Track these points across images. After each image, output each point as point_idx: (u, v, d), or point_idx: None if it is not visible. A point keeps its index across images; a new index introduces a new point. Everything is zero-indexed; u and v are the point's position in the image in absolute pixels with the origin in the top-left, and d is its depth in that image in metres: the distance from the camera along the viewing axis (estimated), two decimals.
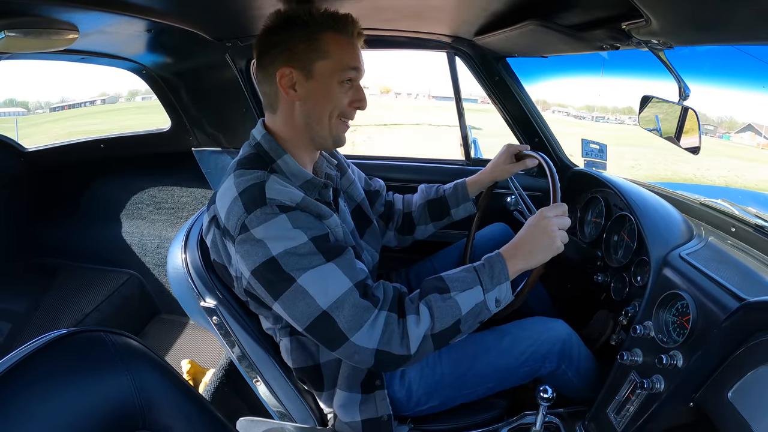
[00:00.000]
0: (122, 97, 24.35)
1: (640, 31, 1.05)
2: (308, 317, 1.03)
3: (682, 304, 1.14)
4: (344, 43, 1.14)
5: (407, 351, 1.05)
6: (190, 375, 2.15)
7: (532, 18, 1.29)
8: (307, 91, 1.14)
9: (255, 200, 1.03)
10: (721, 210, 1.56)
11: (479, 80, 2.06)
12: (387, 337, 1.04)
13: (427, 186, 1.69)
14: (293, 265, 1.02)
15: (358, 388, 1.27)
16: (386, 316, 1.05)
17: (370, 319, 1.03)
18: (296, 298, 1.03)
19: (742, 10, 0.77)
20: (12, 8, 1.14)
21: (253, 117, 2.27)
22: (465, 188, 1.63)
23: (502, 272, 1.11)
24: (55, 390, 0.69)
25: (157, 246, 2.80)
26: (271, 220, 1.02)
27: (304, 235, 1.03)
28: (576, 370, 1.39)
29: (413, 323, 1.05)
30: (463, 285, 1.09)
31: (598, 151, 2.47)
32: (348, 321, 1.02)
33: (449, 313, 1.07)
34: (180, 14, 1.53)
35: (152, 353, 0.84)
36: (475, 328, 1.14)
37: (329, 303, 1.02)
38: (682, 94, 1.30)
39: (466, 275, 1.12)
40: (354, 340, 1.03)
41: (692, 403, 1.02)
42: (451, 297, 1.08)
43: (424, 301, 1.08)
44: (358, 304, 1.03)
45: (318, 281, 1.03)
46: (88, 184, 2.90)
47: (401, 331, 1.05)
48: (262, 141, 1.18)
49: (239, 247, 1.04)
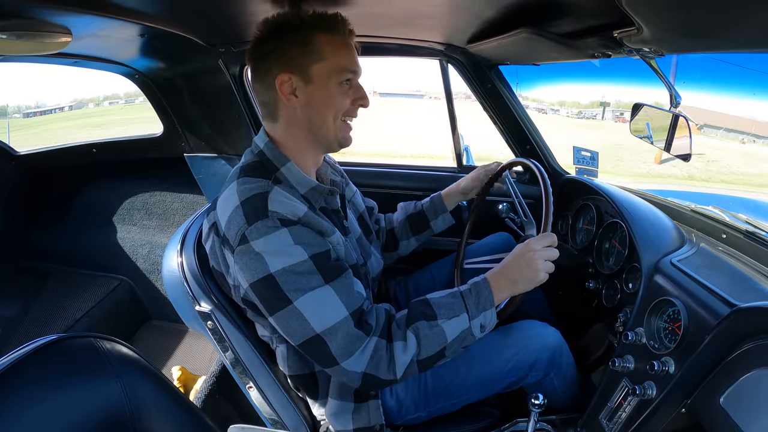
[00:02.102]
0: (92, 101, 24.35)
1: (631, 39, 1.05)
2: (302, 337, 1.05)
3: (673, 310, 1.15)
4: (338, 44, 1.13)
5: (393, 376, 1.08)
6: (181, 382, 2.14)
7: (525, 26, 1.30)
8: (307, 95, 1.13)
9: (257, 211, 1.02)
10: (711, 216, 1.57)
11: (471, 87, 2.07)
12: (375, 362, 1.06)
13: (405, 203, 1.71)
14: (291, 285, 1.01)
15: (351, 397, 1.27)
16: (376, 343, 1.07)
17: (361, 347, 1.05)
18: (291, 319, 1.03)
19: (734, 18, 0.78)
20: (5, 10, 1.13)
21: (246, 123, 2.27)
22: (441, 200, 1.66)
23: (487, 299, 1.14)
24: (44, 396, 0.68)
25: (148, 251, 2.78)
26: (272, 233, 1.01)
27: (304, 252, 1.03)
28: (563, 378, 1.39)
29: (400, 350, 1.08)
30: (450, 312, 1.12)
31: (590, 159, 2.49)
32: (340, 348, 1.04)
33: (435, 341, 1.10)
34: (173, 19, 1.53)
35: (143, 360, 0.83)
36: (459, 352, 1.16)
37: (323, 328, 1.03)
38: (673, 101, 1.32)
39: (453, 302, 1.14)
40: (344, 365, 1.05)
41: (684, 409, 1.02)
42: (438, 325, 1.10)
43: (412, 328, 1.10)
44: (352, 333, 1.05)
45: (314, 305, 1.03)
46: (80, 188, 2.89)
47: (389, 357, 1.07)
48: (265, 149, 1.17)
49: (238, 258, 1.04)
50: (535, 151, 2.11)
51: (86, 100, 24.24)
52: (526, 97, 19.47)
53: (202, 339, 1.28)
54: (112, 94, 10.73)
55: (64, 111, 19.91)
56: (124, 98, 24.73)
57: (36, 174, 2.84)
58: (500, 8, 1.27)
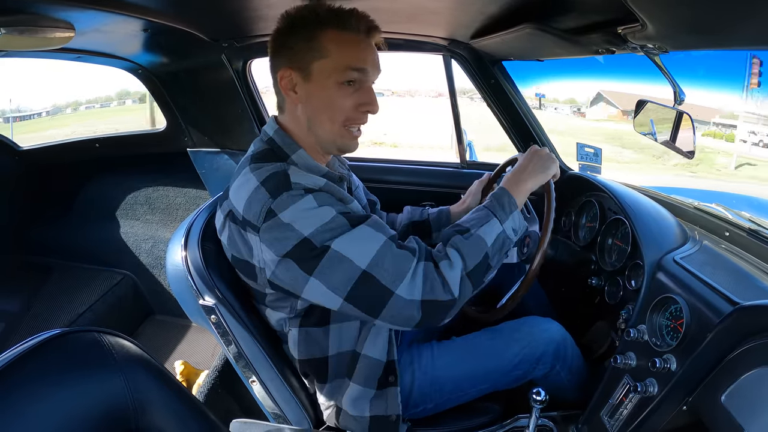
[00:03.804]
0: (70, 107, 24.41)
1: (635, 35, 1.05)
2: (348, 282, 1.01)
3: (675, 307, 1.15)
4: (347, 41, 1.09)
5: (451, 295, 1.04)
6: (184, 376, 2.14)
7: (529, 22, 1.29)
8: (306, 93, 1.11)
9: (280, 185, 1.02)
10: (714, 214, 1.57)
11: (475, 83, 2.06)
12: (430, 286, 1.03)
13: (413, 208, 1.68)
14: (325, 237, 1.00)
15: (374, 384, 1.26)
16: (424, 266, 1.05)
17: (411, 268, 1.03)
18: (333, 266, 1.01)
19: (738, 15, 0.77)
20: (8, 6, 1.13)
21: (249, 118, 2.27)
22: (449, 217, 1.61)
23: (510, 202, 1.17)
24: (47, 390, 0.68)
25: (151, 246, 2.79)
26: (297, 201, 1.00)
27: (332, 210, 1.02)
28: (569, 371, 1.39)
29: (447, 267, 1.05)
30: (480, 222, 1.13)
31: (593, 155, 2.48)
32: (390, 273, 1.01)
33: (477, 248, 1.09)
34: (176, 14, 1.53)
35: (146, 354, 0.84)
36: (503, 261, 1.17)
37: (368, 261, 1.01)
38: (677, 99, 1.31)
39: (479, 214, 1.16)
40: (399, 292, 1.01)
41: (686, 406, 1.02)
42: (473, 234, 1.10)
43: (450, 244, 1.10)
44: (397, 254, 1.03)
45: (353, 243, 1.01)
46: (83, 183, 2.89)
47: (441, 277, 1.04)
48: (275, 136, 1.16)
49: (265, 234, 1.02)
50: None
51: (63, 105, 24.23)
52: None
53: (205, 333, 1.28)
54: (91, 98, 10.72)
55: (42, 117, 19.78)
56: (99, 102, 24.75)
57: (39, 169, 2.85)
58: (504, 4, 1.27)
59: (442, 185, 2.30)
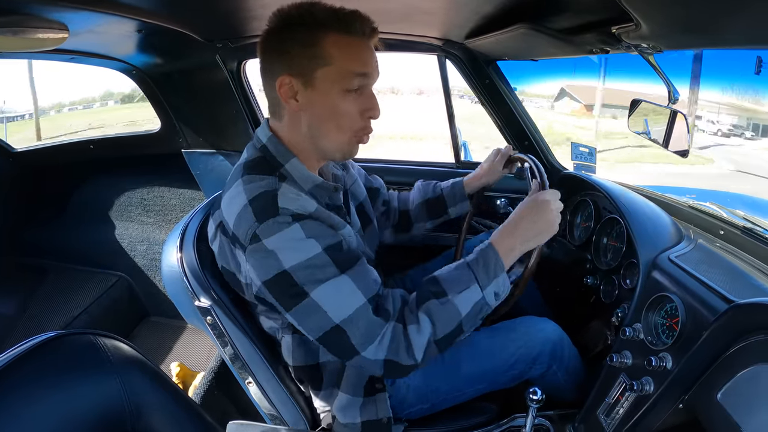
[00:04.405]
0: (53, 109, 24.49)
1: (630, 34, 1.05)
2: (320, 330, 1.02)
3: (671, 306, 1.15)
4: (350, 45, 1.04)
5: (414, 360, 1.04)
6: (180, 378, 2.14)
7: (523, 21, 1.29)
8: (309, 101, 1.06)
9: (267, 210, 0.99)
10: (709, 213, 1.57)
11: (469, 83, 2.06)
12: (395, 348, 1.03)
13: (423, 183, 1.66)
14: (306, 278, 0.99)
15: (361, 392, 1.26)
16: (393, 328, 1.04)
17: (381, 333, 1.02)
18: (309, 313, 1.01)
19: (732, 14, 0.78)
20: (1, 6, 1.13)
21: (244, 119, 2.27)
22: (462, 188, 1.60)
23: (497, 264, 1.09)
24: (43, 393, 0.68)
25: (146, 248, 2.78)
26: (284, 230, 0.98)
27: (317, 244, 1.00)
28: (566, 370, 1.39)
29: (414, 332, 1.03)
30: (459, 285, 1.06)
31: (588, 154, 2.49)
32: (361, 337, 1.01)
33: (450, 317, 1.05)
34: (170, 15, 1.52)
35: (142, 356, 0.83)
36: (479, 324, 1.13)
37: (343, 317, 1.00)
38: (671, 98, 1.32)
39: (461, 273, 1.09)
40: (365, 354, 1.02)
41: (682, 404, 1.03)
42: (449, 300, 1.05)
43: (423, 308, 1.06)
44: (372, 321, 1.02)
45: (332, 296, 1.00)
46: (77, 185, 2.88)
47: (406, 341, 1.03)
48: (268, 144, 1.13)
49: (250, 256, 1.01)
50: (533, 146, 2.11)
51: (47, 107, 24.25)
52: None
53: (201, 335, 1.28)
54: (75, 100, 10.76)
55: (25, 119, 19.70)
56: (83, 104, 24.79)
57: (33, 171, 2.83)
58: (498, 4, 1.27)
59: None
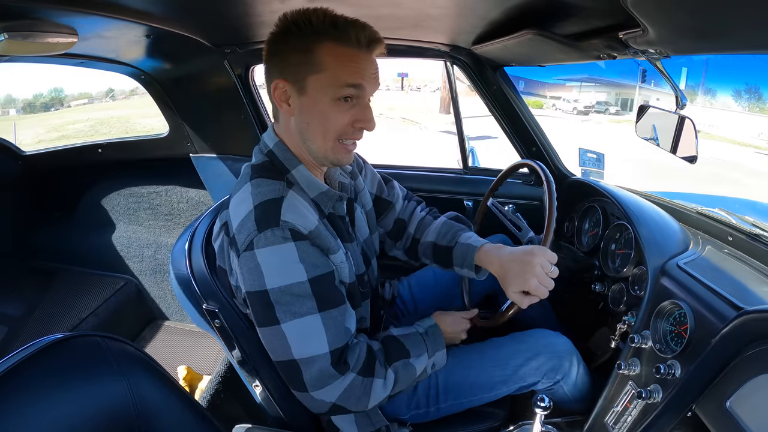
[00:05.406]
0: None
1: (637, 40, 1.05)
2: (279, 356, 1.05)
3: (679, 313, 1.14)
4: (345, 55, 1.02)
5: (362, 407, 1.10)
6: (187, 381, 2.14)
7: (530, 27, 1.29)
8: (300, 106, 1.06)
9: (269, 219, 0.99)
10: (718, 219, 1.56)
11: (477, 89, 2.06)
12: (345, 396, 1.07)
13: (445, 223, 1.47)
14: (283, 306, 1.00)
15: None
16: (353, 379, 1.07)
17: (334, 383, 1.05)
18: (274, 338, 1.03)
19: (740, 19, 0.77)
20: (12, 11, 1.14)
21: (252, 124, 2.28)
22: (473, 257, 1.35)
23: (438, 342, 1.24)
24: (49, 393, 0.68)
25: (154, 251, 2.79)
26: (278, 245, 0.98)
27: (304, 273, 1.00)
28: (573, 386, 1.38)
29: (380, 386, 1.11)
30: (417, 351, 1.19)
31: (596, 160, 2.48)
32: (312, 379, 1.03)
33: (409, 378, 1.17)
34: (179, 20, 1.54)
35: (149, 359, 0.84)
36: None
37: (301, 356, 1.02)
38: (678, 103, 1.31)
39: (418, 341, 1.22)
40: (313, 394, 1.05)
41: (690, 412, 1.02)
42: (411, 363, 1.17)
43: (393, 367, 1.14)
44: (326, 371, 1.03)
45: (299, 332, 1.02)
46: (86, 188, 2.90)
47: (361, 392, 1.08)
48: (275, 149, 1.13)
49: (242, 262, 1.02)
50: (541, 152, 2.10)
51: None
52: None
53: (208, 338, 1.28)
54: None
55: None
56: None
57: (42, 174, 2.86)
58: (505, 10, 1.27)
59: (444, 191, 2.31)
